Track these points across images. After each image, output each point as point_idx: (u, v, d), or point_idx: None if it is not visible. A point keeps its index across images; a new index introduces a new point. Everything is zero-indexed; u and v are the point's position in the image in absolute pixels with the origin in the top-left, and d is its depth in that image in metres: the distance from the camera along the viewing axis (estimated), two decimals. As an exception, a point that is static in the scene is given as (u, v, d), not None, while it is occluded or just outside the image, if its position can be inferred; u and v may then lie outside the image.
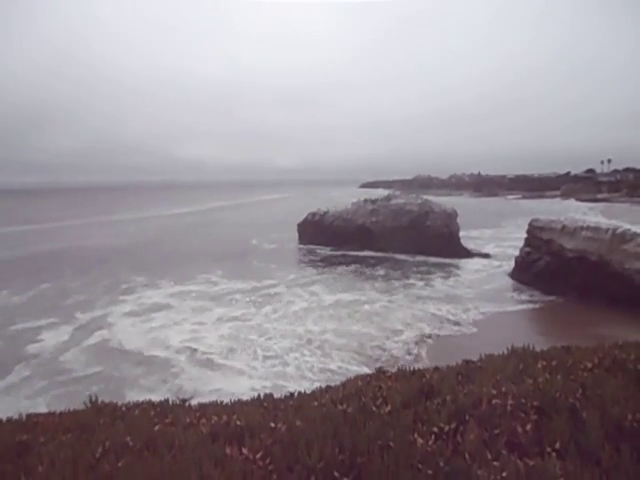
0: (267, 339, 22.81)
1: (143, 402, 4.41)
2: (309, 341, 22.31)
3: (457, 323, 24.89)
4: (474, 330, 23.65)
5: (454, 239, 46.58)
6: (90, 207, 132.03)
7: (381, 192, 74.73)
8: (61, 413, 4.45)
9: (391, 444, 3.16)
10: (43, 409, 4.95)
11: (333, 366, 19.32)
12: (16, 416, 4.64)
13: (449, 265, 41.60)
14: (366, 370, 14.45)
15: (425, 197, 54.54)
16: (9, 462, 3.18)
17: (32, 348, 22.17)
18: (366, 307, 27.95)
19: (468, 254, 45.39)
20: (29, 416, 4.44)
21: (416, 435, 3.28)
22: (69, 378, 18.89)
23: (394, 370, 5.57)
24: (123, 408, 4.22)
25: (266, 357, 20.61)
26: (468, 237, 51.03)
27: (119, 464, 2.99)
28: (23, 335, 24.02)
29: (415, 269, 40.08)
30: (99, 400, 4.41)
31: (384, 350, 21.02)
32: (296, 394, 4.91)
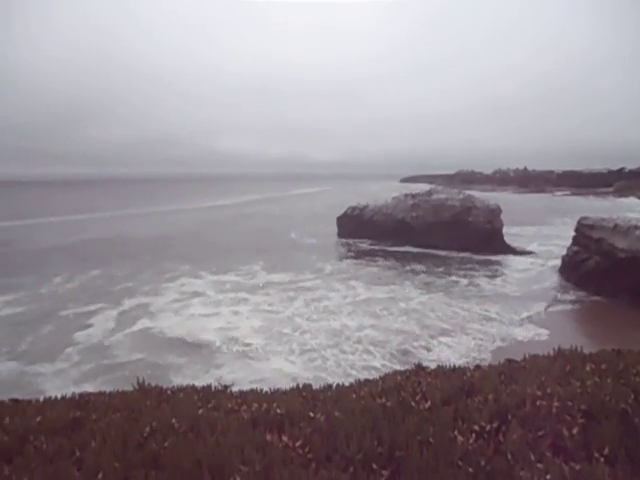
0: (301, 333, 22.81)
1: (187, 387, 4.58)
2: (347, 338, 22.13)
3: (512, 324, 23.66)
4: (541, 333, 22.18)
5: (497, 236, 45.32)
6: (132, 198, 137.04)
7: (422, 187, 73.56)
8: (110, 393, 4.68)
9: (431, 440, 3.14)
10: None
11: (376, 364, 18.86)
12: (69, 394, 4.92)
13: (493, 263, 40.42)
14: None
15: (468, 192, 53.28)
16: (65, 436, 3.38)
17: (80, 333, 23.19)
18: (402, 304, 27.46)
19: (512, 252, 44.06)
20: (81, 395, 4.71)
21: (456, 432, 3.25)
22: (115, 363, 19.66)
23: (433, 366, 5.51)
24: (168, 392, 4.40)
25: (303, 351, 20.52)
26: (512, 234, 49.51)
27: (165, 444, 3.12)
28: (73, 320, 25.19)
29: (458, 266, 39.08)
30: (146, 383, 4.61)
31: (429, 350, 20.35)
32: (334, 386, 4.95)
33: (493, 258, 41.78)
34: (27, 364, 19.30)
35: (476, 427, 3.32)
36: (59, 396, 4.87)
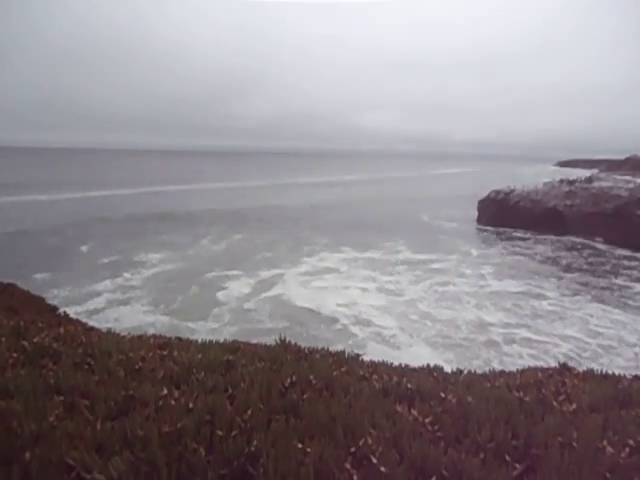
0: (433, 321, 22.20)
1: (322, 349, 4.89)
2: (501, 336, 20.61)
3: None
4: None
5: (675, 234, 38.56)
6: (275, 171, 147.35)
7: (580, 172, 65.47)
8: (256, 344, 5.25)
9: (574, 444, 2.92)
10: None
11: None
12: (222, 340, 5.63)
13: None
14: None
15: (640, 181, 46.04)
16: (219, 374, 3.91)
17: (221, 295, 25.55)
18: (534, 303, 25.02)
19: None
20: (233, 341, 5.36)
21: (605, 442, 2.97)
22: (258, 328, 21.36)
23: (582, 369, 5.05)
24: (305, 350, 4.76)
25: (450, 345, 19.59)
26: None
27: (304, 396, 3.40)
28: (215, 282, 27.87)
29: (627, 264, 33.70)
30: (286, 340, 5.06)
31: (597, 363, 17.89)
32: (465, 371, 4.83)
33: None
34: (179, 320, 21.98)
35: (631, 442, 2.99)
36: (214, 340, 5.59)
